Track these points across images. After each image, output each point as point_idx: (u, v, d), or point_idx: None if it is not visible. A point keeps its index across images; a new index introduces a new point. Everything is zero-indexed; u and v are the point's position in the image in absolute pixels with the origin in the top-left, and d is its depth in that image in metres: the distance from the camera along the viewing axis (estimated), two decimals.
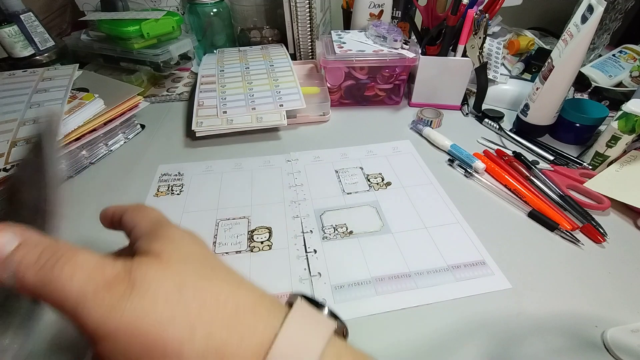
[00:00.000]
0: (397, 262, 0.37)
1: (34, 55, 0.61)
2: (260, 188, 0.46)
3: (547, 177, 0.46)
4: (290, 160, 0.51)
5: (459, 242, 0.39)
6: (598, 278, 0.35)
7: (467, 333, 0.31)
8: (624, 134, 0.44)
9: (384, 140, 0.55)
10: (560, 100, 0.51)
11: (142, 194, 0.45)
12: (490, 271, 0.36)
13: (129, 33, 0.59)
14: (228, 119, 0.53)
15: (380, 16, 0.66)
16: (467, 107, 0.62)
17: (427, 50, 0.60)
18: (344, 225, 0.41)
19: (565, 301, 0.33)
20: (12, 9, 0.58)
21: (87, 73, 0.60)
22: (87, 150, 0.50)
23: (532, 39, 0.72)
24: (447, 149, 0.52)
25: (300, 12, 0.65)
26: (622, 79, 0.64)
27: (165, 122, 0.60)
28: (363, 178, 0.48)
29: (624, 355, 0.28)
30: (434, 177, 0.48)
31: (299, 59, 0.72)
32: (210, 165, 0.50)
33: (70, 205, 0.44)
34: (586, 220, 0.40)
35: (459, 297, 0.33)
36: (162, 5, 0.72)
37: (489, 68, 0.62)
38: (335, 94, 0.63)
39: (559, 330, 0.31)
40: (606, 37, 0.68)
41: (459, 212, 0.42)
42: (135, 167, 0.50)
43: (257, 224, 0.41)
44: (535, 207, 0.42)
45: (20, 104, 0.47)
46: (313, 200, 0.44)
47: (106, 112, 0.50)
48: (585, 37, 0.44)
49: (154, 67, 0.63)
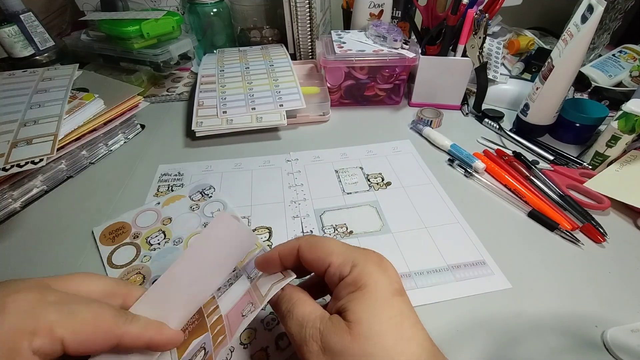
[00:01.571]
0: (397, 262, 0.37)
1: (34, 55, 0.61)
2: (260, 188, 0.46)
3: (547, 177, 0.46)
4: (290, 160, 0.51)
5: (459, 242, 0.39)
6: (598, 278, 0.35)
7: (467, 333, 0.31)
8: (624, 133, 0.44)
9: (383, 140, 0.55)
10: (560, 100, 0.51)
11: (142, 194, 0.45)
12: (490, 271, 0.36)
13: (129, 33, 0.59)
14: (228, 119, 0.53)
15: (380, 16, 0.66)
16: (467, 107, 0.62)
17: (427, 50, 0.60)
18: (344, 225, 0.41)
19: (565, 301, 0.33)
20: (12, 9, 0.58)
21: (87, 73, 0.60)
22: (87, 150, 0.50)
23: (532, 38, 0.72)
24: (447, 149, 0.52)
25: (300, 12, 0.65)
26: (622, 78, 0.64)
27: (165, 122, 0.60)
28: (363, 178, 0.48)
29: (624, 355, 0.28)
30: (434, 177, 0.48)
31: (299, 59, 0.72)
32: (210, 165, 0.50)
33: (70, 206, 0.44)
34: (586, 220, 0.40)
35: (459, 297, 0.33)
36: (162, 5, 0.72)
37: (489, 68, 0.62)
38: (335, 94, 0.63)
39: (559, 330, 0.31)
40: (606, 36, 0.68)
41: (459, 212, 0.42)
42: (135, 167, 0.50)
43: (257, 224, 0.41)
44: (535, 207, 0.42)
45: (21, 105, 0.47)
46: (313, 200, 0.44)
47: (106, 112, 0.50)
48: (585, 37, 0.44)
49: (154, 67, 0.63)
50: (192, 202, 0.43)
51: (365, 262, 0.20)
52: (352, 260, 0.20)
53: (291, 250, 0.22)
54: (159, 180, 0.48)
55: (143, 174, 0.49)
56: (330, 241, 0.22)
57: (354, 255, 0.20)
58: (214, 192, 0.45)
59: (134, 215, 0.42)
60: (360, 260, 0.20)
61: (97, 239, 0.39)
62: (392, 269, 0.21)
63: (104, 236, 0.39)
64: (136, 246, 0.38)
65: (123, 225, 0.40)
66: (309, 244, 0.22)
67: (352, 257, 0.20)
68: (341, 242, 0.22)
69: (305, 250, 0.22)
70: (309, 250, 0.22)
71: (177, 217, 0.41)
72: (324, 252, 0.21)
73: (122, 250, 0.38)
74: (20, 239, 0.40)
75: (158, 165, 0.50)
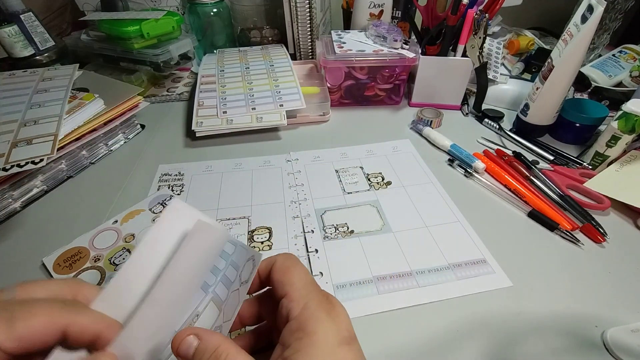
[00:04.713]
0: (399, 261, 0.37)
1: (34, 55, 0.61)
2: (261, 188, 0.46)
3: (547, 177, 0.46)
4: (290, 160, 0.51)
5: (459, 241, 0.39)
6: (598, 278, 0.35)
7: (468, 332, 0.31)
8: (623, 133, 0.44)
9: (383, 140, 0.55)
10: (560, 100, 0.51)
11: (143, 194, 0.45)
12: (491, 269, 0.36)
13: (129, 33, 0.59)
14: (228, 119, 0.53)
15: (380, 16, 0.66)
16: (467, 107, 0.62)
17: (427, 50, 0.60)
18: (345, 224, 0.41)
19: (565, 301, 0.33)
20: (12, 9, 0.58)
21: (87, 73, 0.60)
22: (87, 150, 0.50)
23: (532, 38, 0.72)
24: (447, 149, 0.52)
25: (300, 12, 0.65)
26: (622, 78, 0.64)
27: (165, 122, 0.60)
28: (363, 177, 0.48)
29: (624, 355, 0.28)
30: (434, 176, 0.48)
31: (299, 59, 0.72)
32: (210, 165, 0.50)
33: (70, 206, 0.44)
34: (586, 220, 0.40)
35: (460, 296, 0.33)
36: (162, 5, 0.72)
37: (489, 68, 0.62)
38: (335, 94, 0.63)
39: (559, 330, 0.31)
40: (606, 37, 0.68)
41: (460, 211, 0.42)
42: (135, 167, 0.50)
43: (257, 224, 0.41)
44: (535, 207, 0.42)
45: (21, 105, 0.47)
46: (314, 200, 0.44)
47: (106, 112, 0.50)
48: (585, 37, 0.45)
49: (154, 67, 0.63)
50: (153, 215, 0.42)
51: (316, 306, 0.20)
52: (305, 301, 0.20)
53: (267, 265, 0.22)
54: (159, 180, 0.48)
55: (143, 174, 0.49)
56: (299, 272, 0.21)
57: (309, 297, 0.20)
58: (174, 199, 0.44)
59: (90, 237, 0.39)
60: (312, 304, 0.20)
61: (51, 269, 0.35)
62: (343, 315, 0.21)
63: (57, 265, 0.36)
64: (99, 269, 0.36)
65: (79, 250, 0.37)
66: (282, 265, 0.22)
67: (306, 298, 0.20)
68: (309, 277, 0.22)
69: (277, 269, 0.22)
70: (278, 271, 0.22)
71: (140, 232, 0.40)
72: (288, 280, 0.21)
73: (84, 277, 0.35)
74: (20, 239, 0.40)
75: (158, 165, 0.50)
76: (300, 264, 0.22)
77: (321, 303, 0.20)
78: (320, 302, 0.20)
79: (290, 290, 0.21)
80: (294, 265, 0.22)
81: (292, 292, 0.20)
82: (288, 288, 0.21)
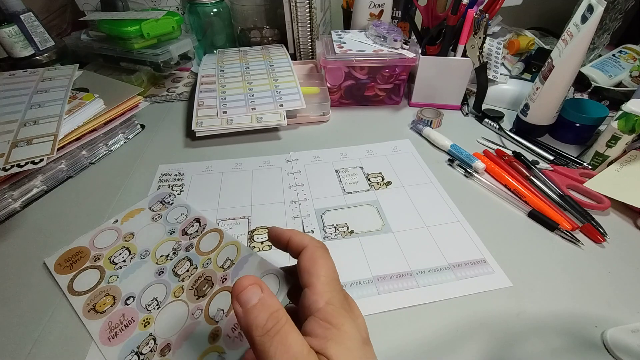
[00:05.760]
0: (399, 261, 0.37)
1: (34, 55, 0.61)
2: (260, 188, 0.46)
3: (547, 177, 0.46)
4: (290, 160, 0.51)
5: (459, 241, 0.39)
6: (598, 278, 0.35)
7: (468, 332, 0.31)
8: (623, 133, 0.44)
9: (383, 140, 0.55)
10: (560, 100, 0.51)
11: (143, 194, 0.45)
12: (491, 269, 0.36)
13: (129, 33, 0.59)
14: (228, 119, 0.53)
15: (380, 16, 0.66)
16: (467, 107, 0.62)
17: (427, 50, 0.60)
18: (345, 224, 0.41)
19: (565, 301, 0.33)
20: (12, 9, 0.58)
21: (87, 73, 0.60)
22: (87, 150, 0.50)
23: (532, 38, 0.72)
24: (447, 149, 0.52)
25: (300, 12, 0.65)
26: (622, 78, 0.64)
27: (165, 122, 0.60)
28: (363, 177, 0.48)
29: (624, 355, 0.28)
30: (434, 176, 0.48)
31: (299, 59, 0.72)
32: (210, 165, 0.50)
33: (70, 206, 0.44)
34: (586, 220, 0.40)
35: (460, 296, 0.33)
36: (162, 5, 0.73)
37: (489, 68, 0.62)
38: (335, 94, 0.63)
39: (559, 330, 0.31)
40: (606, 37, 0.68)
41: (459, 211, 0.42)
42: (135, 167, 0.50)
43: (257, 224, 0.41)
44: (535, 207, 0.42)
45: (21, 105, 0.47)
46: (313, 200, 0.44)
47: (106, 112, 0.50)
48: (585, 37, 0.45)
49: (154, 67, 0.63)
50: (153, 213, 0.42)
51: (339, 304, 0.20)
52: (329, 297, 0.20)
53: (298, 245, 0.22)
54: (159, 180, 0.48)
55: (143, 174, 0.49)
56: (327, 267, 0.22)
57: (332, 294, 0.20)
58: (175, 197, 0.44)
59: (90, 237, 0.39)
60: (336, 301, 0.20)
61: (52, 270, 0.36)
62: (361, 318, 0.21)
63: (59, 265, 0.36)
64: (99, 268, 0.36)
65: (80, 250, 0.38)
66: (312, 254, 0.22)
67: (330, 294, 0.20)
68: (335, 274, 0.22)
69: (305, 257, 0.22)
70: (307, 259, 0.22)
71: (140, 231, 0.40)
72: (315, 272, 0.21)
73: (83, 276, 0.35)
74: (20, 239, 0.40)
75: (158, 165, 0.50)
76: (330, 257, 0.22)
77: (342, 303, 0.21)
78: (341, 301, 0.21)
79: (316, 282, 0.21)
80: (323, 257, 0.22)
81: (317, 285, 0.21)
82: (314, 280, 0.21)
